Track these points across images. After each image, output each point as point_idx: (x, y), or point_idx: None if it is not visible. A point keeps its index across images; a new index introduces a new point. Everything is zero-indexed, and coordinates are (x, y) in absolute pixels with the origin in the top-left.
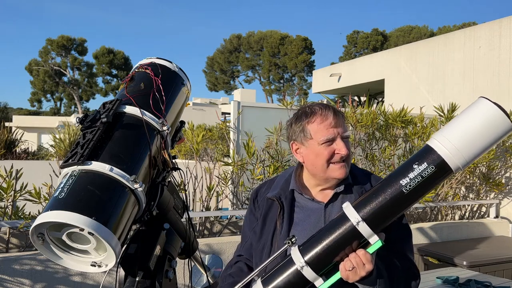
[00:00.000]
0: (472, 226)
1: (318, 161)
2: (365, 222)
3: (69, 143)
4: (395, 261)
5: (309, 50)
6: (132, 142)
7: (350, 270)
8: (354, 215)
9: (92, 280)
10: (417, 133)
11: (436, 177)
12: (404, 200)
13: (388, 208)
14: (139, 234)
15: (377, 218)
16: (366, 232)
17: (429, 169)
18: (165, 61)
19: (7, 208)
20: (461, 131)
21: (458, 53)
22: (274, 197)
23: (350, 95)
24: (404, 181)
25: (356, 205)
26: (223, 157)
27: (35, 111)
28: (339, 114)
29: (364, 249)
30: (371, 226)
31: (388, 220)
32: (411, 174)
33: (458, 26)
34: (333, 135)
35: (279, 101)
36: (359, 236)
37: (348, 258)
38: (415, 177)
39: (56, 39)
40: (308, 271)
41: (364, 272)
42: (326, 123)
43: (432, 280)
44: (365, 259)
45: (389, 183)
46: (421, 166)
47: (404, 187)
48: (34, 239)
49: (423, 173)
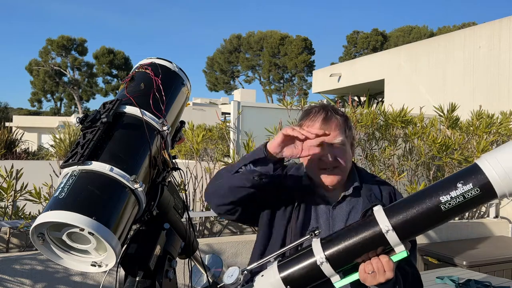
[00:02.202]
0: (472, 226)
1: (309, 166)
2: (395, 231)
3: (69, 143)
4: (407, 268)
5: (309, 50)
6: (132, 142)
7: (369, 274)
8: (385, 222)
9: (93, 280)
10: (417, 133)
11: (479, 200)
12: (440, 217)
13: (421, 222)
14: (139, 234)
15: (407, 229)
16: (394, 241)
17: (474, 191)
18: (165, 61)
19: (7, 208)
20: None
21: (458, 53)
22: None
23: (350, 95)
24: (445, 198)
25: (387, 211)
26: (223, 157)
27: (35, 111)
28: (332, 118)
29: (388, 256)
30: (400, 236)
31: (417, 233)
32: (453, 193)
33: (458, 26)
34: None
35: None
36: (385, 243)
37: (369, 262)
38: (457, 196)
39: (56, 39)
40: (327, 267)
41: (384, 279)
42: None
43: (432, 280)
44: (387, 266)
45: (427, 196)
46: (466, 186)
47: (443, 205)
48: (34, 239)
49: (466, 194)
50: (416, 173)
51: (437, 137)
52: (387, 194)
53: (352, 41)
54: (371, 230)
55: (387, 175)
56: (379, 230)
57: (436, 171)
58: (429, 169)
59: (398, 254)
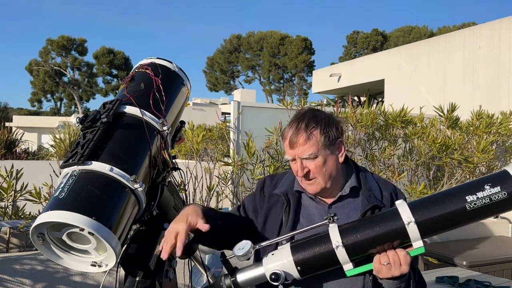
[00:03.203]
0: (472, 226)
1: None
2: (417, 224)
3: (69, 143)
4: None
5: (309, 50)
6: (132, 142)
7: (385, 265)
8: (408, 215)
9: (93, 280)
10: (417, 133)
11: (505, 205)
12: (464, 217)
13: (445, 220)
14: (139, 234)
15: (430, 225)
16: (414, 235)
17: (501, 194)
18: (165, 61)
19: (7, 208)
20: None
21: (458, 53)
22: (281, 193)
23: (350, 95)
24: (471, 198)
25: (412, 205)
26: (223, 157)
27: (35, 111)
28: (300, 133)
29: (405, 250)
30: (421, 231)
31: (439, 231)
32: (480, 194)
33: (458, 26)
34: (292, 156)
35: (279, 101)
36: (405, 236)
37: (386, 253)
38: (484, 197)
39: (56, 39)
40: (342, 252)
41: (399, 272)
42: (286, 143)
43: (432, 280)
44: (404, 260)
45: (453, 194)
46: (493, 189)
47: (469, 204)
48: (34, 239)
49: (493, 196)
50: (416, 173)
51: (437, 137)
52: (388, 194)
53: (352, 41)
54: (392, 222)
55: (387, 175)
56: (401, 222)
57: (436, 171)
58: (429, 169)
59: (416, 249)
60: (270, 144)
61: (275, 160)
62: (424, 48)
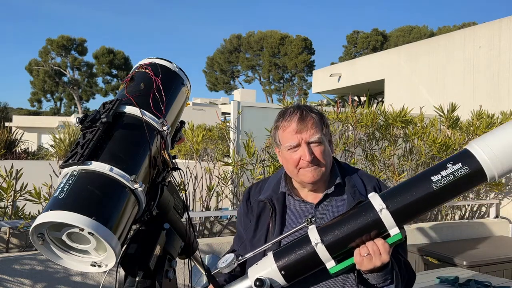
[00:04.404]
0: (472, 226)
1: (289, 167)
2: (390, 212)
3: (69, 143)
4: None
5: (309, 50)
6: (132, 142)
7: (365, 256)
8: (379, 203)
9: (92, 280)
10: (417, 133)
11: (469, 180)
12: (433, 197)
13: (416, 203)
14: (139, 234)
15: (402, 211)
16: (388, 222)
17: (463, 170)
18: (165, 61)
19: (7, 208)
20: (503, 140)
21: (458, 53)
22: (265, 199)
23: (350, 95)
24: (436, 177)
25: (383, 195)
26: (223, 157)
27: (35, 111)
28: (307, 117)
29: (383, 239)
30: (395, 218)
31: (413, 215)
32: (444, 172)
33: (458, 26)
34: (296, 142)
35: (279, 101)
36: (380, 225)
37: (365, 245)
38: (448, 175)
39: (56, 39)
40: (322, 249)
41: (380, 262)
42: (290, 130)
43: (432, 280)
44: (383, 248)
45: (420, 178)
46: (455, 166)
47: (435, 184)
48: (34, 239)
49: (456, 173)
50: (416, 173)
51: (437, 137)
52: (372, 188)
53: (352, 41)
54: (366, 213)
55: (387, 175)
56: (374, 211)
57: None
58: None
59: (393, 237)
60: (270, 144)
61: (275, 160)
62: (424, 48)
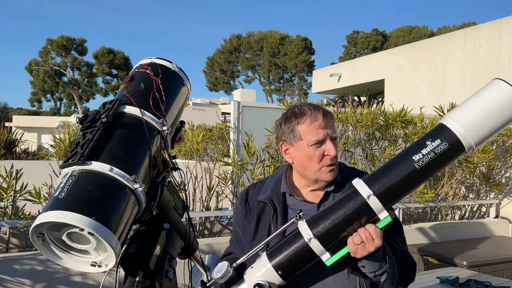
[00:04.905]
0: (472, 226)
1: (309, 163)
2: (376, 196)
3: (69, 143)
4: (395, 244)
5: (309, 50)
6: (132, 142)
7: (359, 244)
8: (366, 189)
9: (92, 280)
10: (417, 133)
11: (449, 154)
12: (416, 176)
13: (400, 184)
14: (139, 234)
15: (389, 193)
16: (377, 207)
17: (442, 146)
18: (165, 61)
19: (7, 208)
20: (475, 110)
21: (458, 53)
22: (266, 200)
23: (350, 95)
24: (417, 157)
25: (367, 180)
26: (223, 157)
27: (35, 111)
28: (328, 114)
29: (374, 224)
30: (382, 201)
31: (399, 196)
32: (424, 150)
33: (458, 26)
34: (323, 136)
35: (279, 101)
36: (369, 211)
37: (357, 232)
38: (428, 153)
39: (56, 39)
40: (316, 244)
41: (373, 247)
42: (316, 124)
43: (432, 280)
44: (375, 234)
45: (401, 159)
46: (434, 142)
47: (417, 163)
48: (34, 239)
49: (436, 150)
50: None
51: None
52: None
53: (352, 41)
54: (353, 201)
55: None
56: (361, 198)
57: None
58: None
59: (382, 220)
60: (270, 144)
61: (275, 160)
62: (424, 48)
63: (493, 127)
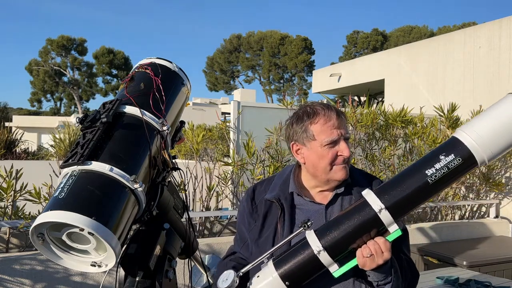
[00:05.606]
0: (472, 226)
1: (321, 163)
2: (387, 210)
3: (69, 143)
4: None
5: (309, 50)
6: (132, 142)
7: (368, 257)
8: (377, 202)
9: (92, 280)
10: (417, 133)
11: (462, 169)
12: (428, 190)
13: (412, 197)
14: (139, 234)
15: (399, 207)
16: (387, 220)
17: (456, 161)
18: (165, 61)
19: (7, 208)
20: (489, 125)
21: (458, 53)
22: (273, 199)
23: (350, 95)
24: (430, 171)
25: (377, 192)
26: (223, 157)
27: (35, 111)
28: (341, 114)
29: (383, 237)
30: (393, 214)
31: (409, 210)
32: (437, 165)
33: (458, 26)
34: (337, 137)
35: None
36: (379, 224)
37: (366, 245)
38: (441, 168)
39: (56, 39)
40: (325, 256)
41: (382, 260)
42: (330, 124)
43: (432, 280)
44: (384, 247)
45: (413, 172)
46: (448, 157)
47: (430, 178)
48: (34, 239)
49: (449, 165)
50: None
51: (437, 137)
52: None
53: (352, 41)
54: (364, 213)
55: (387, 175)
56: (372, 211)
57: None
58: None
59: (392, 233)
60: (270, 144)
61: (275, 160)
62: (424, 48)
63: (506, 142)
